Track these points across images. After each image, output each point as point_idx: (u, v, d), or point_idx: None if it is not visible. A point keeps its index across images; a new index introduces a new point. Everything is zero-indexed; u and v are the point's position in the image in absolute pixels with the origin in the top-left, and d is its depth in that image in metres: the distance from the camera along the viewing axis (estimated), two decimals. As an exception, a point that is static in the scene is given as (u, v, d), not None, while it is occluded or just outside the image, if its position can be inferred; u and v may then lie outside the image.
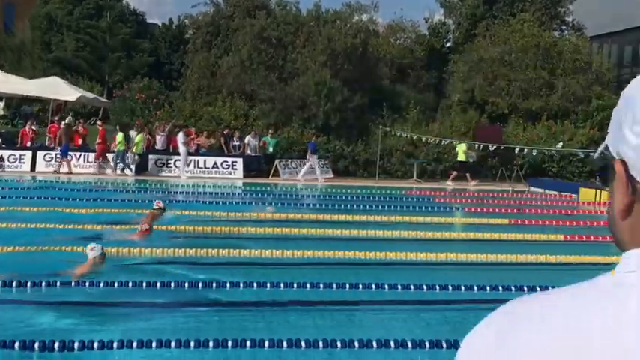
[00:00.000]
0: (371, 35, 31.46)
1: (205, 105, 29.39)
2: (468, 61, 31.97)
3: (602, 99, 31.01)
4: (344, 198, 19.09)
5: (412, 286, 8.18)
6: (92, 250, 8.55)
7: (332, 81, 27.68)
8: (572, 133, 28.95)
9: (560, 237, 12.68)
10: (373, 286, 8.16)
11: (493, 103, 30.60)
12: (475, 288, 8.18)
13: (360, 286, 8.15)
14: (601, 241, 12.70)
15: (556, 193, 23.01)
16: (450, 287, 8.20)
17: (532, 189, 24.72)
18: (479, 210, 16.78)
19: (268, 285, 8.06)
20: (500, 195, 21.58)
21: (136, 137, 25.04)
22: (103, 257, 8.59)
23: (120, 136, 24.34)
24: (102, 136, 24.67)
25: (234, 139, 26.49)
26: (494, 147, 25.38)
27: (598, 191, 21.70)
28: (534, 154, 24.30)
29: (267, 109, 28.71)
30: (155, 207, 12.31)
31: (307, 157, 25.90)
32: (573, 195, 22.29)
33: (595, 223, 15.55)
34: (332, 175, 26.81)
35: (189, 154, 25.38)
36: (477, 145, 25.78)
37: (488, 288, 8.18)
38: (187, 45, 35.48)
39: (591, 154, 24.23)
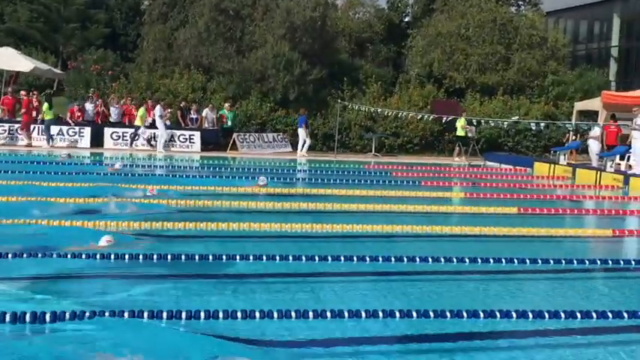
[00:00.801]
0: (330, 9, 31.29)
1: (162, 77, 29.03)
2: (426, 36, 32.05)
3: (558, 74, 31.41)
4: (302, 171, 19.13)
5: (368, 258, 8.26)
6: (107, 242, 8.51)
7: (290, 54, 27.54)
8: (527, 108, 29.31)
9: (514, 210, 12.89)
10: (329, 258, 8.22)
11: (451, 77, 30.78)
12: (430, 260, 8.29)
13: (317, 258, 8.21)
14: (553, 214, 12.99)
15: (511, 167, 23.36)
16: (406, 259, 8.29)
17: (488, 163, 25.07)
18: (435, 184, 16.94)
19: (224, 257, 8.07)
20: (457, 169, 21.82)
21: (139, 111, 25.03)
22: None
23: (45, 107, 24.07)
24: (25, 106, 24.26)
25: (192, 112, 26.26)
26: (450, 118, 25.56)
27: (552, 165, 22.12)
28: (492, 124, 24.61)
29: (225, 82, 28.48)
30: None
31: (298, 131, 26.02)
32: (528, 169, 22.68)
33: (548, 197, 15.88)
34: (290, 149, 26.81)
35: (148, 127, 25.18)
36: (475, 121, 25.92)
37: (442, 260, 8.30)
38: (143, 16, 34.90)
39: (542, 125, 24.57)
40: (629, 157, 20.51)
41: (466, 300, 7.07)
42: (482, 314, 6.21)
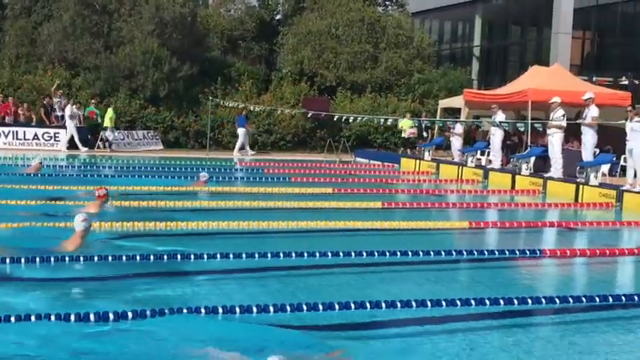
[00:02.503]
0: (200, 5, 31.07)
1: (25, 74, 27.93)
2: (297, 34, 32.43)
3: (423, 73, 32.58)
4: (175, 169, 18.98)
5: (244, 255, 8.35)
6: (84, 222, 8.34)
7: (159, 50, 27.16)
8: (395, 105, 30.25)
9: (379, 204, 13.36)
10: (205, 256, 8.27)
11: (322, 75, 31.29)
12: (305, 255, 8.48)
13: (192, 256, 8.24)
14: (415, 208, 13.58)
15: (380, 163, 24.08)
16: (282, 254, 8.44)
17: (358, 159, 25.70)
18: (305, 180, 17.25)
19: (96, 258, 7.97)
20: (327, 165, 22.28)
21: (108, 112, 24.97)
22: (89, 229, 8.45)
23: None
24: None
25: (57, 110, 25.43)
26: (310, 114, 25.84)
27: (417, 161, 23.00)
28: (358, 119, 25.24)
29: (92, 79, 27.73)
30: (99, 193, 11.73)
31: (237, 130, 26.07)
32: (395, 165, 23.46)
33: (412, 191, 16.53)
34: (161, 147, 26.47)
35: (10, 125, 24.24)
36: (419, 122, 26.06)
37: (317, 254, 8.52)
38: (5, 10, 33.37)
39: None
40: (488, 152, 21.63)
41: (340, 292, 7.29)
42: (352, 305, 6.45)
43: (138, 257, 8.08)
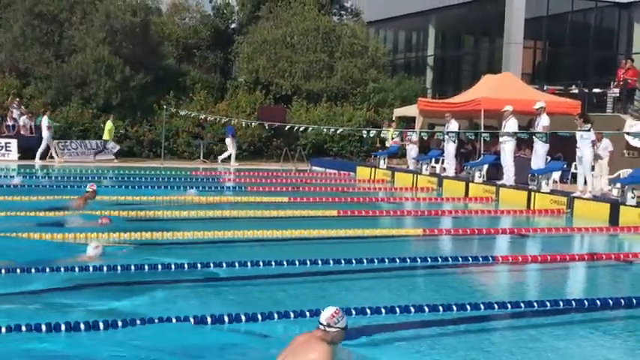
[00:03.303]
0: (152, 13, 30.79)
1: (-26, 83, 27.42)
2: (252, 43, 32.39)
3: (378, 82, 32.78)
4: (130, 179, 18.81)
5: (199, 265, 8.32)
6: (96, 249, 8.68)
7: (111, 58, 26.85)
8: (351, 114, 30.37)
9: (334, 213, 13.40)
10: (159, 266, 8.21)
11: (277, 84, 31.28)
12: (261, 264, 8.49)
13: (146, 267, 8.18)
14: (371, 216, 13.65)
15: (336, 171, 24.16)
16: (237, 264, 8.43)
17: (314, 168, 25.75)
18: (261, 189, 17.22)
19: (62, 269, 7.89)
20: (283, 174, 22.28)
21: (107, 124, 25.56)
22: (99, 255, 8.62)
23: None
24: None
25: (8, 119, 24.99)
26: (266, 125, 25.84)
27: (373, 169, 23.14)
28: (310, 130, 25.30)
29: (43, 88, 27.30)
30: (88, 189, 12.31)
31: (225, 140, 26.45)
32: (351, 173, 23.56)
33: (368, 199, 16.60)
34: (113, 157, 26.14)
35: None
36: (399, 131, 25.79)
37: (273, 263, 8.52)
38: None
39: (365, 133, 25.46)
40: (442, 160, 21.86)
41: (296, 301, 7.29)
42: (307, 313, 6.46)
43: (91, 269, 7.99)
